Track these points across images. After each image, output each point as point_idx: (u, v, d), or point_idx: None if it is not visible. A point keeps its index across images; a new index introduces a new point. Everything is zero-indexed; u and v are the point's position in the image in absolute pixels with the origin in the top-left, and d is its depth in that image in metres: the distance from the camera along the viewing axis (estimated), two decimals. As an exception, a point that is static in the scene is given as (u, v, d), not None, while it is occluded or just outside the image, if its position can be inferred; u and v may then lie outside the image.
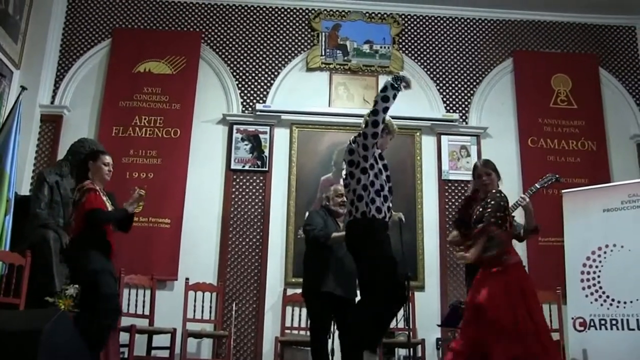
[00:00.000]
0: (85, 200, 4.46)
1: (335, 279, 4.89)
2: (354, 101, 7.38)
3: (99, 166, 4.64)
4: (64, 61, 7.28)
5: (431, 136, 7.33)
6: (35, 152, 6.90)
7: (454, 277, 6.87)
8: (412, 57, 7.63)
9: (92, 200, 4.46)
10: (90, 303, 4.36)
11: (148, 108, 7.15)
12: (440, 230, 7.01)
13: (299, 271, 6.67)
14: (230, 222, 6.90)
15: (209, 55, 7.44)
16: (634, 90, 7.66)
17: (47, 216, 5.53)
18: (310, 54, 7.52)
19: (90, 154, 4.81)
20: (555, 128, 7.40)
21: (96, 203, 4.46)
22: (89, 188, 4.50)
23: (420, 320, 6.50)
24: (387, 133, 4.34)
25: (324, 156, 7.14)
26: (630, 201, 5.82)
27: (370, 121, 4.06)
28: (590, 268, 5.86)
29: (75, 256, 4.53)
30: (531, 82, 7.55)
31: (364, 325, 4.03)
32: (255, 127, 7.17)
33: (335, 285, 4.89)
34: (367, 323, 4.03)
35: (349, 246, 4.31)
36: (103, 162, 4.66)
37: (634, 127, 7.50)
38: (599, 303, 5.73)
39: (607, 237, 5.81)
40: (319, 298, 4.94)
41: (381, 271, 4.01)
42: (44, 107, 7.00)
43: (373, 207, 4.09)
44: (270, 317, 6.65)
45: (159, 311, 6.17)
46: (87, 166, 4.65)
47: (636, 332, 5.48)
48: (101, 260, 4.43)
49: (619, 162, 7.33)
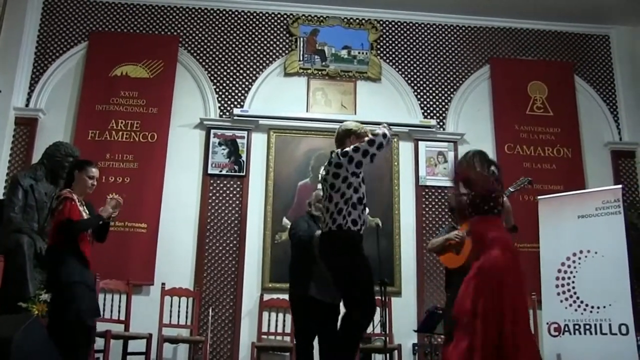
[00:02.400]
0: (61, 209, 4.39)
1: (320, 284, 4.90)
2: (332, 107, 7.39)
3: (83, 178, 4.54)
4: (39, 64, 7.20)
5: (408, 142, 7.37)
6: (9, 156, 6.81)
7: (430, 283, 6.89)
8: (390, 63, 7.67)
9: (67, 209, 4.38)
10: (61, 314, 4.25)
11: (125, 112, 7.09)
12: (417, 236, 7.04)
13: (276, 276, 6.68)
14: (207, 227, 6.87)
15: (186, 60, 7.41)
16: (607, 98, 7.77)
17: (21, 220, 5.46)
18: (288, 59, 7.52)
19: (77, 164, 4.72)
20: (531, 135, 7.48)
21: (71, 213, 4.38)
22: (66, 197, 4.43)
23: (397, 326, 6.51)
24: (357, 137, 4.31)
25: (301, 161, 7.14)
26: (604, 207, 5.89)
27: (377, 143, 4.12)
28: (565, 274, 5.91)
29: (51, 266, 4.45)
30: (508, 89, 7.62)
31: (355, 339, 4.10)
32: (233, 131, 7.15)
33: (320, 290, 4.90)
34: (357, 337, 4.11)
35: (322, 255, 4.31)
36: (88, 174, 4.56)
37: (608, 135, 7.61)
38: (574, 308, 5.79)
39: (582, 243, 5.87)
40: (304, 303, 4.96)
41: (360, 286, 4.05)
42: (18, 109, 6.92)
43: (349, 219, 4.11)
44: (247, 323, 6.63)
45: (134, 316, 6.12)
46: (73, 175, 4.57)
47: (608, 337, 5.54)
48: (77, 271, 4.32)
49: (594, 169, 7.43)
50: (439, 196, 7.20)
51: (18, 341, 3.31)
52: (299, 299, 5.02)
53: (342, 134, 4.37)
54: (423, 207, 7.15)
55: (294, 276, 5.17)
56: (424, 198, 7.19)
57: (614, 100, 7.76)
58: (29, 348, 3.38)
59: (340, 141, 4.36)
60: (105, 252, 6.15)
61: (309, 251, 4.97)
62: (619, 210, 5.79)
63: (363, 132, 4.34)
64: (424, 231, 7.06)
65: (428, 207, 7.16)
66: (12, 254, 5.19)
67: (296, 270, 5.14)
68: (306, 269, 4.96)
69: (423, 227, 7.08)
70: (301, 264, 5.07)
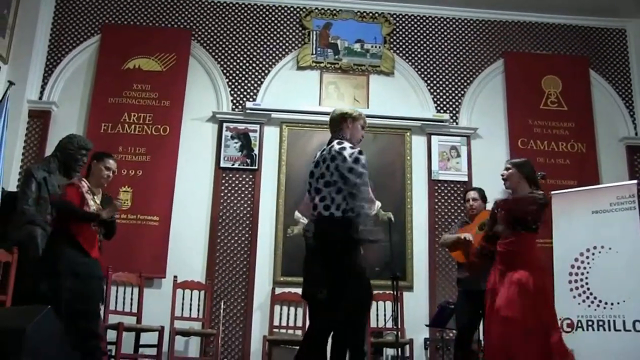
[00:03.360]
0: (63, 193, 4.43)
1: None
2: (345, 100, 7.36)
3: (99, 168, 4.56)
4: (52, 57, 7.22)
5: (421, 136, 7.33)
6: (22, 148, 6.85)
7: (442, 278, 6.87)
8: (403, 56, 7.63)
9: (67, 194, 4.42)
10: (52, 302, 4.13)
11: (137, 105, 7.11)
12: (430, 231, 7.02)
13: (287, 270, 6.68)
14: (219, 221, 6.88)
15: (199, 53, 7.41)
16: (623, 92, 7.69)
17: (34, 213, 5.45)
18: (301, 52, 7.50)
19: (96, 154, 4.70)
20: (545, 130, 7.43)
21: (69, 197, 4.39)
22: (70, 183, 4.46)
23: (409, 320, 6.50)
24: (353, 120, 4.15)
25: (313, 155, 7.04)
26: (618, 203, 5.84)
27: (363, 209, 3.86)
28: (579, 269, 5.88)
29: (45, 253, 4.46)
30: (522, 84, 7.57)
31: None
32: (245, 125, 7.15)
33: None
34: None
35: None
36: (105, 165, 4.58)
37: (623, 130, 7.53)
38: (587, 304, 5.76)
39: (596, 239, 5.83)
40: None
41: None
42: (32, 102, 6.95)
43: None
44: (258, 316, 6.64)
45: (146, 309, 6.14)
46: (91, 165, 4.59)
47: (622, 333, 5.51)
48: (69, 260, 4.30)
49: (608, 164, 7.36)
50: (452, 191, 7.16)
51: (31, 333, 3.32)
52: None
53: (338, 118, 4.17)
54: (435, 201, 7.12)
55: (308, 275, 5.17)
56: (437, 192, 7.17)
57: (630, 94, 7.68)
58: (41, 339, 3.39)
59: (337, 126, 4.18)
60: (118, 244, 6.16)
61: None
62: (634, 206, 5.74)
63: (358, 115, 4.18)
64: (437, 225, 7.04)
65: (440, 202, 7.12)
66: (25, 246, 5.20)
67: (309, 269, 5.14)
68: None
69: (435, 222, 7.05)
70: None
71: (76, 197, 4.44)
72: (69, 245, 4.38)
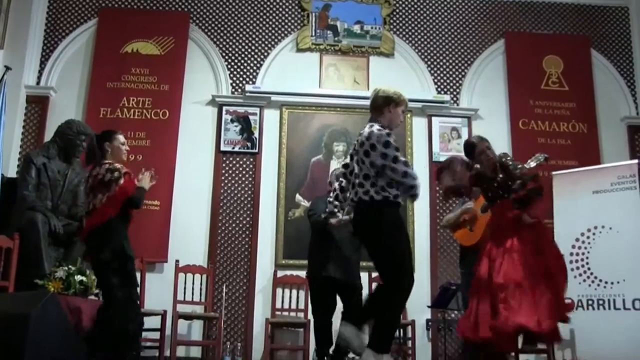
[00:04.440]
0: (123, 184, 4.30)
1: (337, 264, 4.93)
2: (345, 82, 7.33)
3: (117, 146, 4.50)
4: (49, 41, 7.17)
5: (422, 117, 7.31)
6: (21, 134, 6.83)
7: (444, 259, 6.89)
8: (403, 37, 7.58)
9: (130, 184, 4.34)
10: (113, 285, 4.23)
11: (136, 89, 7.07)
12: (431, 212, 7.02)
13: (289, 253, 6.70)
14: (220, 204, 6.88)
15: (197, 36, 7.36)
16: (625, 72, 7.64)
17: (34, 199, 5.47)
18: (300, 34, 7.45)
19: (104, 136, 4.57)
20: (546, 110, 7.40)
21: (132, 187, 4.35)
22: (126, 172, 4.37)
23: (411, 302, 6.41)
24: (396, 106, 4.06)
25: (314, 138, 7.10)
26: (619, 183, 5.84)
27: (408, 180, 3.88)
28: (579, 249, 5.90)
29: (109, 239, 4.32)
30: (523, 64, 7.52)
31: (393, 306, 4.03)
32: (245, 108, 7.12)
33: (336, 269, 4.94)
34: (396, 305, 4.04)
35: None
36: (120, 141, 4.54)
37: (625, 109, 7.50)
38: (587, 284, 5.79)
39: (596, 219, 5.84)
40: (323, 284, 5.01)
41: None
42: (29, 88, 6.91)
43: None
44: (260, 299, 6.66)
45: (149, 293, 6.15)
46: (104, 147, 4.48)
47: (622, 312, 5.55)
48: (130, 247, 4.38)
49: (609, 144, 7.34)
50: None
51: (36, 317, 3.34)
52: (319, 280, 5.07)
53: (381, 102, 4.06)
54: (436, 182, 7.10)
55: (312, 257, 5.20)
56: (438, 174, 7.15)
57: (632, 74, 7.63)
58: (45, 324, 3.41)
59: (378, 109, 4.07)
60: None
61: (326, 232, 4.99)
62: (635, 186, 5.74)
63: (402, 100, 4.09)
64: (438, 207, 7.04)
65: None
66: (26, 232, 5.21)
67: (314, 251, 5.17)
68: (324, 250, 5.00)
69: (437, 203, 7.05)
70: (319, 246, 5.10)
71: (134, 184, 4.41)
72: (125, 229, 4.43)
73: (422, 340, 6.52)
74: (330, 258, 4.96)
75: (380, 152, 3.84)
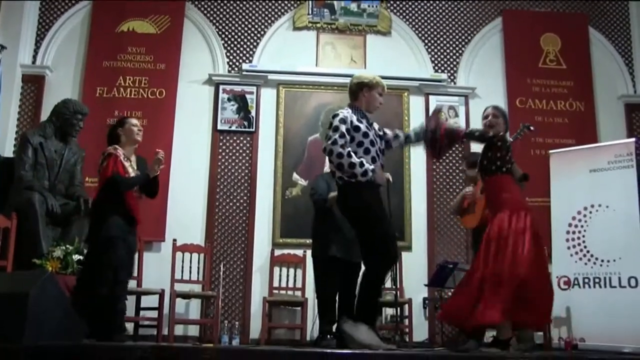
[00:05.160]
0: (105, 165, 4.45)
1: (342, 243, 4.95)
2: (342, 61, 7.30)
3: (128, 129, 4.64)
4: (44, 20, 7.12)
5: (419, 96, 7.29)
6: (17, 114, 6.81)
7: (441, 238, 6.92)
8: (400, 16, 7.53)
9: (111, 165, 4.44)
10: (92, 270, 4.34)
11: (132, 68, 7.04)
12: (428, 191, 7.04)
13: (286, 232, 6.73)
14: (218, 183, 6.88)
15: (193, 14, 7.30)
16: (623, 50, 7.62)
17: (31, 178, 5.47)
18: (297, 12, 7.40)
19: (116, 123, 4.78)
20: (543, 88, 7.38)
21: (115, 168, 4.44)
22: (109, 153, 4.50)
23: (408, 280, 6.55)
24: (370, 89, 4.23)
25: (311, 116, 7.09)
26: (616, 161, 5.83)
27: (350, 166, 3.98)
28: (576, 228, 5.90)
29: (93, 221, 4.52)
30: (520, 42, 7.49)
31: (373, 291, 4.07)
32: (242, 87, 7.10)
33: (339, 249, 4.96)
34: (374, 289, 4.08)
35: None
36: (132, 124, 4.68)
37: (622, 87, 7.49)
38: (583, 262, 5.80)
39: (593, 197, 5.84)
40: (325, 262, 5.04)
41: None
42: (25, 67, 6.87)
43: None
44: (258, 278, 6.69)
45: (147, 272, 6.18)
46: (117, 133, 4.64)
47: (617, 290, 5.57)
48: (118, 228, 4.39)
49: (607, 123, 7.34)
50: (450, 151, 7.14)
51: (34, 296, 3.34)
52: (322, 259, 5.09)
53: (355, 87, 4.27)
54: (434, 161, 7.11)
55: (315, 236, 5.21)
56: (435, 153, 7.15)
57: (629, 52, 7.61)
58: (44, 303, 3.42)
59: (354, 94, 4.28)
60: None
61: (328, 211, 4.99)
62: (632, 164, 5.73)
63: (375, 83, 4.24)
64: (435, 185, 7.06)
65: (439, 162, 7.11)
66: (24, 211, 5.22)
67: (317, 230, 5.19)
68: (326, 229, 5.01)
69: (434, 182, 7.07)
70: (322, 224, 5.11)
71: (121, 167, 4.49)
72: (118, 213, 4.43)
73: (419, 318, 6.57)
74: (332, 237, 4.98)
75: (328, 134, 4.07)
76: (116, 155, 4.49)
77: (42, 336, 3.31)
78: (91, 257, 4.46)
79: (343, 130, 4.02)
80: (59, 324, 3.52)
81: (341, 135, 4.01)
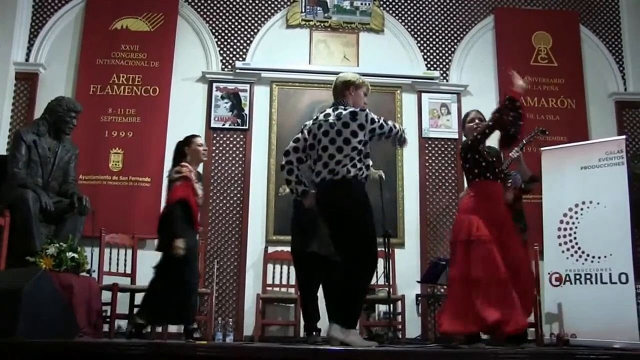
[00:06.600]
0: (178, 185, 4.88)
1: (323, 240, 4.95)
2: (335, 59, 7.33)
3: (194, 149, 5.09)
4: (37, 17, 7.12)
5: (411, 94, 7.32)
6: (11, 111, 6.81)
7: (434, 235, 6.96)
8: (393, 14, 7.56)
9: (182, 190, 4.87)
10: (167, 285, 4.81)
11: (126, 66, 7.05)
12: (421, 188, 7.07)
13: (280, 229, 6.73)
14: (211, 181, 6.90)
15: (187, 12, 7.32)
16: (613, 47, 7.67)
17: (25, 176, 5.46)
18: (290, 10, 7.42)
19: (183, 141, 5.17)
20: (535, 86, 7.40)
21: (184, 194, 4.85)
22: (185, 176, 4.88)
23: (400, 277, 6.58)
24: (356, 88, 4.26)
25: (304, 114, 7.09)
26: (607, 158, 5.85)
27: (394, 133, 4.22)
28: (567, 224, 5.93)
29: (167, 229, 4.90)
30: (512, 40, 7.54)
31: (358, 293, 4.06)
32: (235, 85, 7.11)
33: (320, 245, 4.95)
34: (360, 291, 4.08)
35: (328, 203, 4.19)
36: (197, 144, 5.12)
37: (613, 85, 7.55)
38: (575, 258, 5.82)
39: (584, 194, 5.87)
40: (306, 259, 5.04)
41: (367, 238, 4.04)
42: (18, 64, 6.87)
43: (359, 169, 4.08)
44: (251, 275, 6.72)
45: (140, 270, 6.16)
46: (184, 151, 5.07)
47: (608, 286, 5.59)
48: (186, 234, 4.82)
49: (598, 120, 7.39)
50: (442, 148, 7.20)
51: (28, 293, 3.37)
52: (301, 255, 5.09)
53: (341, 86, 4.26)
54: (426, 159, 7.16)
55: (295, 232, 5.22)
56: (427, 150, 7.20)
57: (620, 50, 7.67)
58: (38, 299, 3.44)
59: (340, 93, 4.26)
60: (111, 206, 6.28)
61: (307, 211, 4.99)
62: (622, 161, 5.76)
63: (361, 82, 4.28)
64: (427, 183, 7.09)
65: (431, 159, 7.16)
66: (17, 209, 5.21)
67: (298, 226, 5.18)
68: (305, 226, 5.01)
69: (426, 179, 7.11)
70: (300, 221, 5.11)
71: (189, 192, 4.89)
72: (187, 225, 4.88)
73: (411, 314, 6.58)
74: (311, 233, 4.97)
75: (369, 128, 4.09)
76: (189, 179, 4.89)
77: (35, 332, 3.34)
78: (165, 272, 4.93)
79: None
80: (52, 321, 3.54)
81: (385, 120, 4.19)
